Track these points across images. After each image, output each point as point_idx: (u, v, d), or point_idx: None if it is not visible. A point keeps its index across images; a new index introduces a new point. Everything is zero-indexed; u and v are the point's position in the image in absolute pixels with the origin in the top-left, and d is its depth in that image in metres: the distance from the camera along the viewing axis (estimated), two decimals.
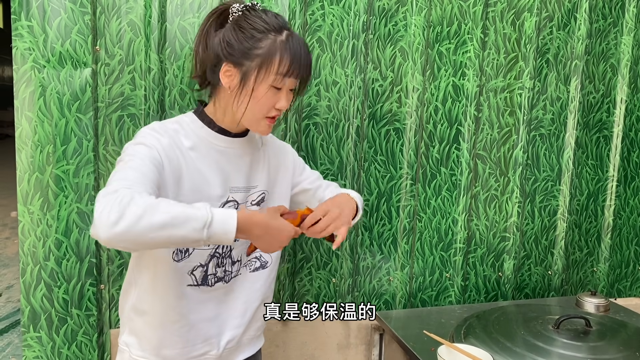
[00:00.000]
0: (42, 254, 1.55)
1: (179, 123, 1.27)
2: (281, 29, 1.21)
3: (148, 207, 0.98)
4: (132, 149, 1.16)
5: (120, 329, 1.37)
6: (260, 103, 1.22)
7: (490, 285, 2.07)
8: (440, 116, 1.92)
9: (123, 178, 1.06)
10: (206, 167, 1.26)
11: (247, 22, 1.21)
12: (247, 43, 1.19)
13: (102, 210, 0.97)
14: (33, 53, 1.48)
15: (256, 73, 1.19)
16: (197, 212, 1.03)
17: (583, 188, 2.14)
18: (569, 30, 2.03)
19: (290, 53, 1.19)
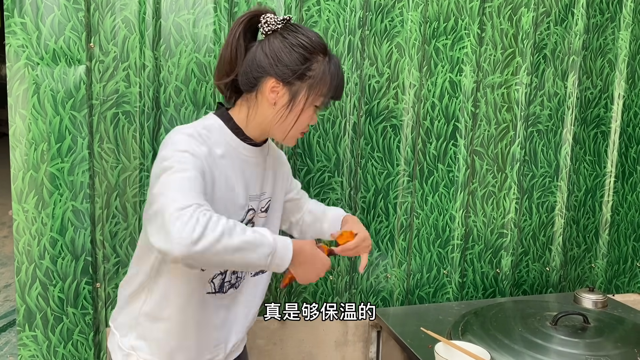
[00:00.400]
0: (37, 253, 1.54)
1: (208, 129, 1.23)
2: (325, 50, 1.24)
3: (226, 230, 1.03)
4: (181, 156, 1.12)
5: (119, 334, 1.33)
6: (301, 121, 1.25)
7: (488, 281, 2.06)
8: (437, 112, 1.91)
9: (188, 189, 1.06)
10: (233, 175, 1.26)
11: (296, 39, 1.21)
12: (300, 64, 1.21)
13: (182, 228, 0.98)
14: (26, 50, 1.47)
15: (307, 94, 1.23)
16: (265, 238, 1.09)
17: (581, 184, 2.14)
18: (567, 26, 2.02)
19: (337, 76, 1.25)
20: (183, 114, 1.63)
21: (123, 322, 1.33)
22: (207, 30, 1.61)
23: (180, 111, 1.62)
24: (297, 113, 1.23)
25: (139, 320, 1.30)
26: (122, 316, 1.34)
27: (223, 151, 1.23)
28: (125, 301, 1.34)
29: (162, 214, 1.01)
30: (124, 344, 1.32)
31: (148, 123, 1.59)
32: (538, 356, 1.40)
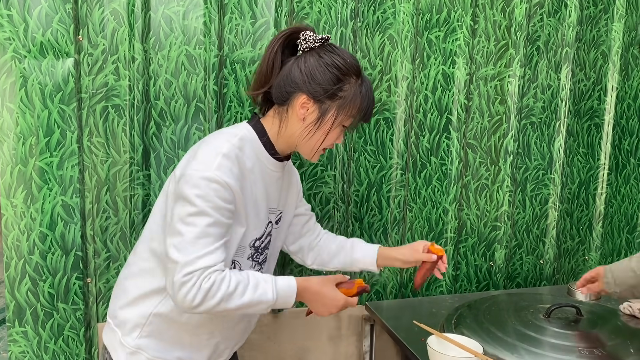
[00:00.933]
0: (26, 248, 1.53)
1: (242, 140, 1.25)
2: (359, 72, 1.27)
3: (225, 296, 1.14)
4: (206, 194, 1.15)
5: (121, 331, 1.31)
6: (328, 139, 1.28)
7: (482, 274, 2.06)
8: (430, 105, 1.90)
9: (203, 243, 1.15)
10: (259, 189, 1.29)
11: (331, 59, 1.24)
12: (333, 84, 1.23)
13: (184, 296, 1.12)
14: (13, 43, 1.45)
15: (335, 114, 1.25)
16: (264, 296, 1.19)
17: (574, 176, 2.13)
18: (560, 17, 2.01)
19: (368, 99, 1.28)
20: (173, 107, 1.61)
21: (127, 319, 1.30)
22: (197, 23, 1.59)
23: (170, 104, 1.61)
24: (325, 132, 1.26)
25: (150, 320, 1.28)
26: (127, 313, 1.31)
27: (252, 165, 1.26)
28: (134, 298, 1.31)
29: (172, 273, 1.15)
30: (127, 342, 1.30)
31: (138, 116, 1.58)
32: (531, 349, 1.40)
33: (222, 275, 1.15)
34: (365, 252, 1.52)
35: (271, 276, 1.24)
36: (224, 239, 1.19)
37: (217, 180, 1.15)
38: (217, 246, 1.16)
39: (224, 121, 1.67)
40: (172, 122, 1.62)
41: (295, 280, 1.25)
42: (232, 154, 1.20)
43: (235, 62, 1.65)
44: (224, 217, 1.17)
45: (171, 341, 1.30)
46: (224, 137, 1.25)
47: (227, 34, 1.64)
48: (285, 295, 1.22)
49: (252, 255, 1.31)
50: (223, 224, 1.18)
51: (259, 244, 1.33)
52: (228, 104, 1.66)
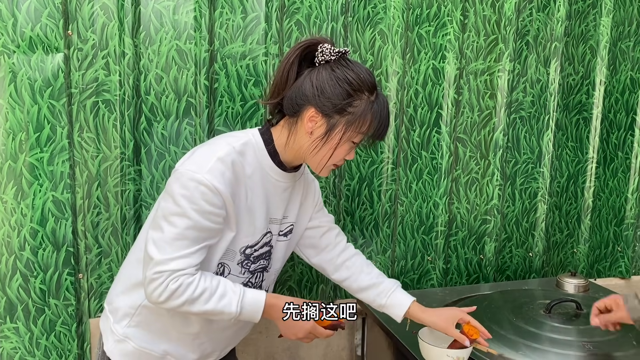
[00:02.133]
0: (17, 244, 1.52)
1: (246, 146, 1.24)
2: (373, 88, 1.23)
3: (189, 300, 1.16)
4: (192, 196, 1.14)
5: (112, 318, 1.33)
6: (336, 155, 1.24)
7: (472, 267, 2.08)
8: (421, 99, 1.91)
9: (179, 245, 1.16)
10: (257, 197, 1.27)
11: (343, 73, 1.20)
12: (342, 98, 1.19)
13: (152, 291, 1.17)
14: (2, 38, 1.44)
15: (344, 130, 1.21)
16: (228, 306, 1.19)
17: (563, 170, 2.15)
18: (549, 12, 2.02)
19: (380, 116, 1.22)
20: (164, 102, 1.61)
21: (119, 307, 1.32)
22: (187, 17, 1.59)
23: (161, 99, 1.61)
24: (332, 147, 1.23)
25: (139, 310, 1.30)
26: (120, 301, 1.33)
27: (252, 171, 1.25)
28: (128, 287, 1.32)
29: (146, 267, 1.18)
30: (116, 330, 1.32)
31: (129, 112, 1.57)
32: (534, 345, 1.41)
33: (191, 279, 1.16)
34: (398, 303, 1.43)
35: (242, 288, 1.23)
36: (205, 242, 1.18)
37: (205, 184, 1.15)
38: (193, 250, 1.16)
39: (214, 116, 1.67)
40: (163, 117, 1.62)
41: (265, 296, 1.23)
42: (227, 158, 1.19)
43: (226, 57, 1.65)
44: (208, 221, 1.16)
45: (158, 333, 1.30)
46: (226, 140, 1.24)
47: (217, 28, 1.64)
48: (251, 310, 1.22)
49: (242, 261, 1.30)
50: (205, 228, 1.17)
51: (251, 252, 1.30)
52: (219, 99, 1.66)
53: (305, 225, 1.46)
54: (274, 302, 1.24)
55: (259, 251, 1.32)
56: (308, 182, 1.44)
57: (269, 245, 1.34)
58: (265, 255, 1.34)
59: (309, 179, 1.45)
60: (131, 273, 1.32)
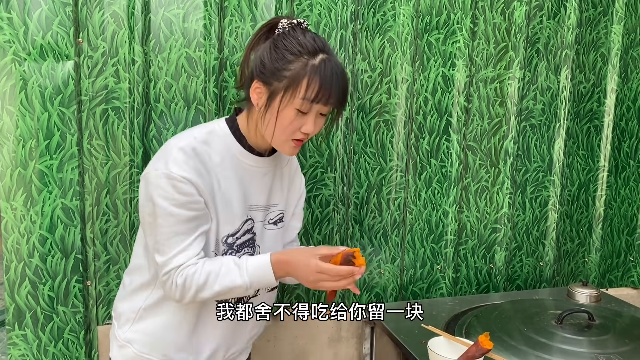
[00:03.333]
0: (26, 251, 1.52)
1: (211, 134, 1.25)
2: (316, 52, 1.17)
3: (198, 288, 1.19)
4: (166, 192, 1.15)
5: (119, 324, 1.34)
6: (285, 125, 1.19)
7: (482, 277, 2.06)
8: (430, 107, 1.90)
9: (174, 241, 1.18)
10: (231, 184, 1.25)
11: (283, 41, 1.19)
12: (278, 63, 1.17)
13: (169, 291, 1.22)
14: (13, 45, 1.45)
15: (282, 95, 1.17)
16: (234, 281, 1.19)
17: (574, 178, 2.13)
18: (559, 19, 2.01)
19: (320, 79, 1.16)
20: (173, 110, 1.61)
21: (122, 312, 1.34)
22: (197, 25, 1.59)
23: (170, 107, 1.61)
24: (274, 114, 1.19)
25: (139, 314, 1.31)
26: (123, 306, 1.35)
27: (221, 159, 1.24)
28: (129, 292, 1.34)
29: (159, 272, 1.22)
30: (119, 335, 1.34)
31: (138, 119, 1.57)
32: (545, 356, 1.39)
33: (194, 269, 1.18)
34: None
35: (246, 258, 1.22)
36: (199, 230, 1.20)
37: (173, 177, 1.15)
38: (189, 242, 1.18)
39: None
40: (172, 124, 1.62)
41: (270, 256, 1.21)
42: (188, 147, 1.19)
43: (235, 65, 1.65)
44: (190, 210, 1.17)
45: (157, 336, 1.30)
46: (188, 132, 1.26)
47: (227, 36, 1.64)
48: (261, 274, 1.20)
49: (226, 252, 1.28)
50: (190, 218, 1.18)
51: (233, 241, 1.29)
52: (228, 106, 1.66)
53: (291, 213, 1.44)
54: (282, 258, 1.21)
55: (240, 239, 1.30)
56: (295, 167, 1.44)
57: (251, 233, 1.32)
58: (248, 243, 1.32)
59: (296, 164, 1.45)
60: (132, 278, 1.34)
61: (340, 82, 1.19)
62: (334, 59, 1.19)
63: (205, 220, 1.21)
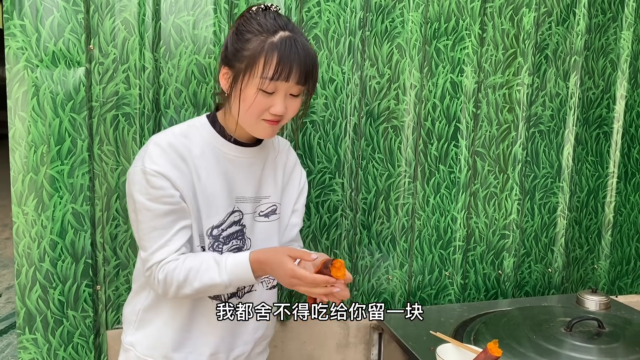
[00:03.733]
0: (37, 255, 1.54)
1: (190, 128, 1.26)
2: (276, 31, 1.15)
3: (179, 284, 1.18)
4: (143, 188, 1.17)
5: (124, 328, 1.37)
6: (251, 106, 1.17)
7: (490, 283, 2.05)
8: (439, 113, 1.90)
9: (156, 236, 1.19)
10: (212, 176, 1.25)
11: (244, 24, 1.19)
12: (238, 44, 1.17)
13: (153, 286, 1.24)
14: (26, 52, 1.46)
15: (242, 75, 1.16)
16: (213, 279, 1.18)
17: (583, 185, 2.13)
18: (568, 26, 2.01)
19: (278, 55, 1.13)
20: (183, 116, 1.62)
21: (125, 315, 1.37)
22: (207, 32, 1.61)
23: (180, 113, 1.62)
24: (237, 95, 1.18)
25: (139, 315, 1.32)
26: (126, 309, 1.38)
27: (201, 151, 1.24)
28: (131, 295, 1.37)
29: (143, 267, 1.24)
30: (124, 339, 1.36)
31: (148, 125, 1.59)
32: None
33: (174, 265, 1.18)
34: None
35: (226, 255, 1.20)
36: (178, 225, 1.20)
37: (147, 171, 1.17)
38: (169, 237, 1.19)
39: None
40: None
41: (249, 255, 1.18)
42: (163, 142, 1.20)
43: None
44: (165, 204, 1.17)
45: (155, 337, 1.31)
46: (169, 129, 1.27)
47: None
48: (239, 273, 1.17)
49: (213, 244, 1.27)
50: (167, 211, 1.18)
51: (219, 232, 1.27)
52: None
53: (290, 210, 1.41)
54: (260, 257, 1.17)
55: (227, 231, 1.29)
56: (293, 162, 1.42)
57: (239, 225, 1.31)
58: (237, 235, 1.30)
59: (294, 159, 1.43)
60: (134, 283, 1.38)
61: (302, 59, 1.15)
62: (297, 37, 1.16)
63: (184, 215, 1.21)
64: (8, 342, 3.19)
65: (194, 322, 1.31)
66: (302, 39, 1.18)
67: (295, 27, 1.20)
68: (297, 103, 1.21)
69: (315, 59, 1.20)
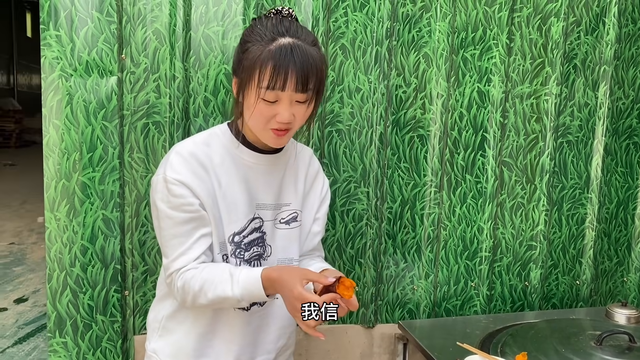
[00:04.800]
0: (68, 260, 1.57)
1: (211, 136, 1.27)
2: (274, 39, 1.12)
3: (195, 294, 1.19)
4: (164, 196, 1.19)
5: (147, 335, 1.38)
6: (255, 115, 1.17)
7: (517, 294, 2.03)
8: (465, 123, 1.90)
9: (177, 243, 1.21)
10: (233, 183, 1.26)
11: (247, 33, 1.19)
12: (240, 55, 1.18)
13: (174, 293, 1.24)
14: (61, 62, 1.50)
15: (245, 85, 1.16)
16: (225, 292, 1.17)
17: (612, 196, 2.09)
18: (597, 35, 1.99)
19: (273, 64, 1.10)
20: (212, 124, 1.64)
21: (149, 323, 1.38)
22: (236, 42, 1.63)
23: (209, 122, 1.64)
24: (241, 105, 1.19)
25: (162, 323, 1.34)
26: (150, 316, 1.39)
27: (221, 159, 1.25)
28: (155, 302, 1.39)
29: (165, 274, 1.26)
30: (148, 346, 1.37)
31: (177, 133, 1.61)
32: None
33: (192, 274, 1.20)
34: None
35: (241, 269, 1.19)
36: (198, 233, 1.21)
37: (168, 180, 1.19)
38: (188, 245, 1.20)
39: None
40: None
41: (262, 271, 1.16)
42: (184, 150, 1.22)
43: None
44: (185, 212, 1.19)
45: (177, 346, 1.32)
46: (190, 137, 1.30)
47: None
48: (251, 288, 1.16)
49: (235, 251, 1.27)
50: (187, 220, 1.19)
51: (240, 239, 1.28)
52: None
53: (312, 218, 1.40)
54: (272, 275, 1.15)
55: (248, 237, 1.29)
56: (315, 170, 1.41)
57: (260, 232, 1.30)
58: (257, 242, 1.31)
59: (317, 167, 1.41)
60: (159, 290, 1.39)
61: (299, 66, 1.11)
62: (297, 42, 1.12)
63: (203, 223, 1.22)
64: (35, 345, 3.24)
65: (216, 330, 1.31)
66: (303, 45, 1.13)
67: (301, 31, 1.16)
68: (304, 109, 1.18)
69: (317, 63, 1.14)
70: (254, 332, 1.34)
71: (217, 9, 1.62)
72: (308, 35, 1.17)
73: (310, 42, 1.16)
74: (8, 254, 4.95)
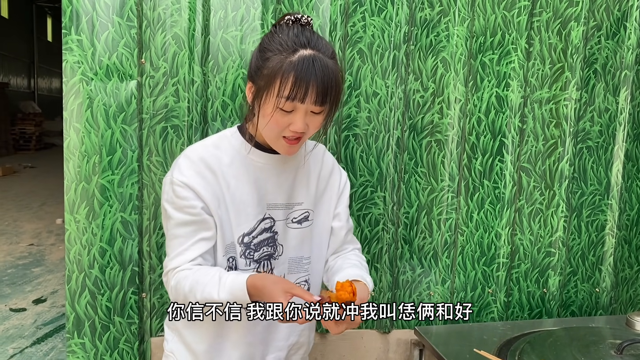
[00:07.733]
0: (87, 262, 1.58)
1: (221, 138, 1.29)
2: (296, 50, 1.13)
3: (186, 294, 1.19)
4: (170, 198, 1.22)
5: (165, 336, 1.39)
6: (270, 123, 1.17)
7: (535, 301, 2.00)
8: (483, 128, 1.88)
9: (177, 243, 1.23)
10: (242, 183, 1.27)
11: (267, 39, 1.19)
12: (259, 62, 1.18)
13: (167, 289, 1.27)
14: (82, 66, 1.52)
15: (262, 93, 1.16)
16: (210, 295, 1.16)
17: (633, 202, 2.06)
18: (618, 40, 1.96)
19: (295, 76, 1.11)
20: None
21: (168, 323, 1.39)
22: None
23: (226, 125, 1.65)
24: (257, 112, 1.18)
25: (176, 325, 1.34)
26: (170, 322, 1.39)
27: (231, 159, 1.26)
28: None
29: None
30: (166, 347, 1.38)
31: (196, 137, 1.62)
32: None
33: (183, 275, 1.21)
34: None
35: (228, 274, 1.19)
36: (198, 236, 1.22)
37: (174, 182, 1.21)
38: (187, 246, 1.22)
39: None
40: None
41: (247, 277, 1.15)
42: (193, 154, 1.24)
43: None
44: (187, 214, 1.21)
45: (191, 347, 1.32)
46: (201, 140, 1.31)
47: None
48: (235, 294, 1.15)
49: (244, 252, 1.27)
50: (188, 221, 1.21)
51: (250, 240, 1.28)
52: None
53: (329, 214, 1.39)
54: (257, 282, 1.14)
55: (258, 238, 1.29)
56: (330, 166, 1.39)
57: (271, 232, 1.31)
58: (268, 242, 1.31)
59: (331, 163, 1.40)
60: None
61: (320, 79, 1.12)
62: (318, 55, 1.13)
63: (205, 226, 1.23)
64: (53, 345, 3.28)
65: (225, 331, 1.32)
66: (324, 57, 1.15)
67: (320, 43, 1.17)
68: (318, 120, 1.19)
69: (335, 78, 1.16)
70: (264, 330, 1.34)
71: (235, 14, 1.63)
72: (327, 47, 1.19)
73: (330, 54, 1.18)
74: (27, 255, 5.02)
